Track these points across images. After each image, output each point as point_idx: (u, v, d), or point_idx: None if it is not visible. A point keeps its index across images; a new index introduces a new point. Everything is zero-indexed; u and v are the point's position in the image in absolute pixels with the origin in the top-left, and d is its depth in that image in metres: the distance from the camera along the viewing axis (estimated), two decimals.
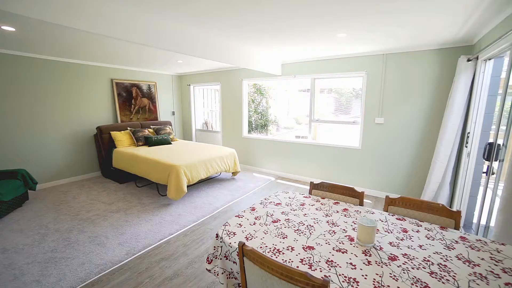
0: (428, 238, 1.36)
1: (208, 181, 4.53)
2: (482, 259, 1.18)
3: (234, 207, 3.47)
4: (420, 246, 1.29)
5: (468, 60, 2.73)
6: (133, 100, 5.27)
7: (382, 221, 1.55)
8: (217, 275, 1.41)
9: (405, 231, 1.44)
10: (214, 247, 1.44)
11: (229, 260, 1.35)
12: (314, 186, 2.05)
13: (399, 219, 1.58)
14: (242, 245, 1.13)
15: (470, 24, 2.34)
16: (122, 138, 4.54)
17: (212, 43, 3.00)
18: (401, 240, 1.34)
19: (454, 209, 2.91)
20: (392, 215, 1.63)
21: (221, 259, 1.38)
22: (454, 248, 1.27)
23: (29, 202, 3.48)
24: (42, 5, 1.68)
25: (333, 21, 2.33)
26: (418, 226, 1.50)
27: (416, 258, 1.19)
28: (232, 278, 1.39)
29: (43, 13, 1.69)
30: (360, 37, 2.85)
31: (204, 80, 5.84)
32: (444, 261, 1.17)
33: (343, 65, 3.87)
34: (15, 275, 2.07)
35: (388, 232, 1.42)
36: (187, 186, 3.87)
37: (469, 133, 2.73)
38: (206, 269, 1.47)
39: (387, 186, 3.73)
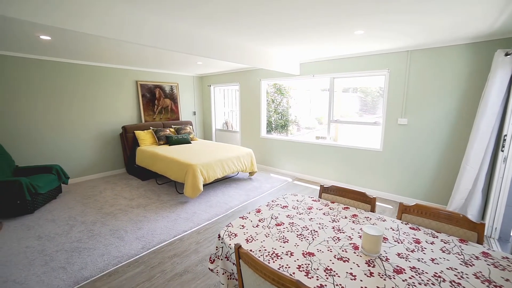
0: (443, 252, 1.25)
1: (224, 180, 4.60)
2: (507, 280, 1.05)
3: (248, 207, 3.48)
4: (432, 260, 1.18)
5: (506, 55, 2.45)
6: (156, 100, 5.52)
7: (393, 229, 1.46)
8: (219, 275, 1.42)
9: (417, 242, 1.33)
10: (217, 247, 1.45)
11: (230, 261, 1.35)
12: (324, 190, 1.98)
13: (413, 229, 1.47)
14: (238, 248, 1.12)
15: (508, 13, 2.09)
16: (145, 137, 4.78)
17: (226, 44, 3.03)
18: (412, 251, 1.25)
19: (487, 219, 2.66)
20: (406, 224, 1.52)
21: (222, 259, 1.39)
22: (473, 264, 1.15)
23: (62, 195, 3.81)
24: (75, 18, 1.86)
25: (350, 18, 2.24)
26: (434, 237, 1.38)
27: (426, 272, 1.10)
28: (233, 279, 1.40)
29: (76, 24, 1.87)
30: (379, 35, 2.70)
31: (224, 80, 5.93)
32: (459, 278, 1.06)
33: (363, 63, 3.69)
34: (46, 261, 2.28)
35: (398, 242, 1.33)
36: (204, 185, 3.97)
37: (505, 135, 2.46)
38: (209, 268, 1.49)
39: (410, 191, 3.49)
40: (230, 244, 1.32)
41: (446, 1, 1.87)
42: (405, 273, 1.09)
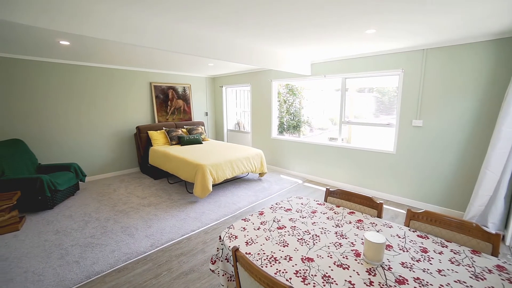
0: (452, 263, 1.18)
1: (234, 181, 4.62)
2: None
3: (256, 208, 3.48)
4: (439, 271, 1.12)
5: None
6: (169, 101, 5.65)
7: (399, 237, 1.40)
8: (220, 277, 1.43)
9: (424, 251, 1.27)
10: (218, 248, 1.46)
11: (230, 263, 1.36)
12: (329, 193, 1.94)
13: (421, 237, 1.40)
14: (235, 250, 1.13)
15: None
16: (157, 137, 4.91)
17: (233, 45, 3.03)
18: (417, 261, 1.19)
19: (510, 228, 2.49)
20: (413, 231, 1.45)
21: (222, 261, 1.40)
22: (485, 278, 1.08)
23: (80, 192, 4.00)
24: (92, 25, 1.97)
25: (360, 16, 2.17)
26: (443, 246, 1.31)
27: (430, 284, 1.04)
28: (232, 281, 1.40)
29: (93, 31, 1.98)
30: (392, 34, 2.61)
31: (235, 81, 5.97)
32: None
33: (376, 63, 3.58)
34: (62, 254, 2.40)
35: (403, 251, 1.27)
36: (213, 185, 4.01)
37: None
38: (210, 269, 1.51)
39: (425, 196, 3.34)
40: (229, 246, 1.33)
41: None
42: (408, 284, 1.04)
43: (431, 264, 1.17)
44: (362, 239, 1.39)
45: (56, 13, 1.77)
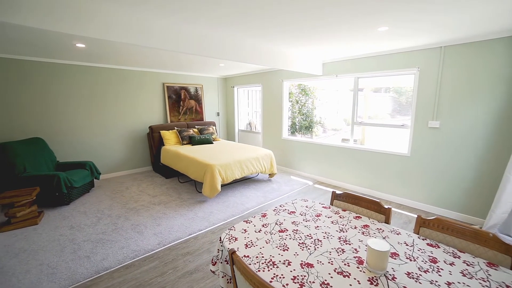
0: (464, 275, 1.10)
1: (244, 181, 4.62)
2: None
3: (264, 209, 3.45)
4: (449, 284, 1.05)
5: None
6: (182, 102, 5.74)
7: (407, 244, 1.32)
8: (219, 278, 1.42)
9: (433, 261, 1.19)
10: (218, 250, 1.46)
11: (229, 265, 1.34)
12: (336, 196, 1.88)
13: (431, 245, 1.32)
14: (232, 253, 1.11)
15: None
16: (169, 137, 5.00)
17: (241, 45, 3.02)
18: (425, 272, 1.12)
19: None
20: (423, 239, 1.37)
21: (222, 263, 1.39)
22: None
23: (94, 189, 4.15)
24: (106, 28, 2.04)
25: (371, 13, 2.09)
26: (455, 257, 1.23)
27: None
28: (232, 283, 1.38)
29: (108, 34, 2.05)
30: (406, 31, 2.49)
31: (247, 81, 5.97)
32: None
33: (390, 62, 3.44)
34: (74, 249, 2.49)
35: (410, 260, 1.20)
36: (222, 185, 4.03)
37: None
38: (211, 270, 1.50)
39: (442, 202, 3.17)
40: (228, 248, 1.31)
41: None
42: None
43: (440, 275, 1.10)
44: (366, 245, 1.33)
45: (61, 14, 1.81)
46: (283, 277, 1.09)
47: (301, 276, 1.10)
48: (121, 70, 4.78)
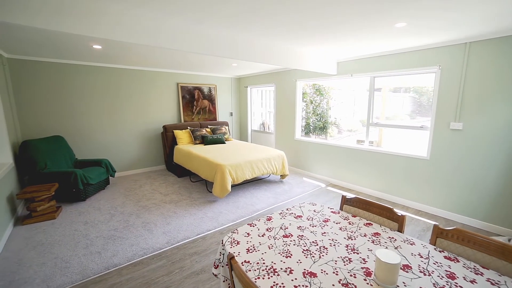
0: None
1: (254, 182, 4.58)
2: None
3: (274, 210, 3.39)
4: None
5: None
6: (195, 101, 5.81)
7: (421, 256, 1.22)
8: (220, 282, 1.39)
9: (451, 276, 1.09)
10: (220, 253, 1.42)
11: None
12: (346, 201, 1.79)
13: (449, 259, 1.21)
14: (230, 258, 1.07)
15: None
16: (182, 136, 5.07)
17: (252, 44, 2.98)
18: None
19: None
20: (440, 251, 1.26)
21: (223, 266, 1.36)
22: None
23: (110, 187, 4.28)
24: (122, 30, 2.10)
25: (389, 9, 1.98)
26: (477, 273, 1.11)
27: None
28: None
29: (124, 36, 2.11)
30: (427, 26, 2.33)
31: (260, 81, 5.93)
32: None
33: (407, 60, 3.26)
34: (87, 244, 2.57)
35: (425, 274, 1.10)
36: (233, 186, 4.02)
37: None
38: (213, 273, 1.47)
39: (465, 209, 2.95)
40: (229, 252, 1.28)
41: None
42: None
43: None
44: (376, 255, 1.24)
45: (67, 15, 1.84)
46: (283, 286, 1.03)
47: (303, 286, 1.03)
48: (136, 71, 4.90)
